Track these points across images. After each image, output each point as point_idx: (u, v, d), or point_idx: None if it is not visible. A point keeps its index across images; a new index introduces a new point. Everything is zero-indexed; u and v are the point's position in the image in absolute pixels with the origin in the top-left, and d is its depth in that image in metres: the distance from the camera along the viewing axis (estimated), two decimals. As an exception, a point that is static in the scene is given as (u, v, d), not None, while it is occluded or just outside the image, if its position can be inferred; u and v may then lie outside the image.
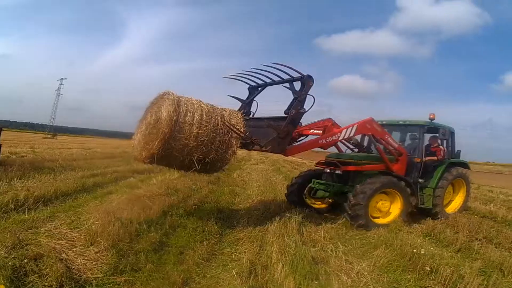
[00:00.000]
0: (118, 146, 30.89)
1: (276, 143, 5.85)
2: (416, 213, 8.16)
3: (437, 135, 8.63)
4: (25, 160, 12.91)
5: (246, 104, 7.23)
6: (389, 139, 7.88)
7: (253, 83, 7.17)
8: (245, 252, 5.10)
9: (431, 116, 8.48)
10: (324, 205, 8.55)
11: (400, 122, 9.10)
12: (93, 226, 5.19)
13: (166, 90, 5.65)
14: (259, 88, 7.18)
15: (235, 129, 5.64)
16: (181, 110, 5.36)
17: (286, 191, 8.88)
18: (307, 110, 5.99)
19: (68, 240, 4.86)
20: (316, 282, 3.99)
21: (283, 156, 8.04)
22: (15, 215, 5.82)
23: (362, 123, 7.45)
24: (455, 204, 9.12)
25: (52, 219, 5.81)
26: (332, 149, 8.28)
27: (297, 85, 6.02)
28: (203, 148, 5.47)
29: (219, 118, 5.65)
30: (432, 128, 8.57)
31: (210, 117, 5.57)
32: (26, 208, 6.26)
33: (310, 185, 8.35)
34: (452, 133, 9.17)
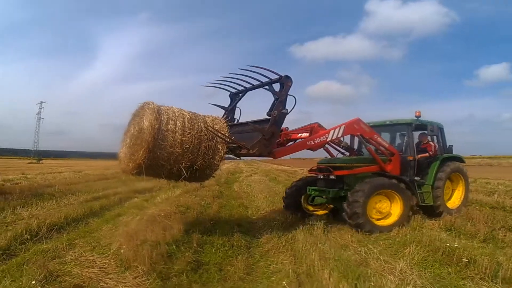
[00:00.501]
0: (107, 167, 30.26)
1: (263, 145, 5.82)
2: (418, 212, 8.08)
3: (426, 132, 8.59)
4: (23, 187, 12.50)
5: (229, 111, 7.19)
6: (378, 139, 7.85)
7: (233, 90, 7.12)
8: (282, 262, 5.03)
9: (417, 114, 8.51)
10: (325, 211, 8.40)
11: (387, 122, 9.06)
12: (121, 251, 5.02)
13: (146, 101, 5.68)
14: (240, 94, 7.13)
15: (219, 134, 5.68)
16: (162, 118, 5.39)
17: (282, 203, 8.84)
18: (290, 111, 5.99)
19: (100, 268, 4.70)
20: (369, 284, 3.95)
21: (273, 165, 8.11)
22: (33, 245, 5.62)
23: (349, 123, 7.44)
24: (455, 198, 9.07)
25: (72, 247, 5.62)
26: (323, 155, 8.44)
27: (277, 87, 6.03)
28: (189, 155, 5.49)
29: (202, 124, 5.68)
30: (419, 125, 8.55)
31: (193, 123, 5.60)
32: (43, 237, 6.05)
33: (307, 192, 8.25)
34: (441, 129, 9.19)
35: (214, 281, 4.29)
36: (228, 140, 5.78)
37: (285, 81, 5.83)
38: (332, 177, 7.60)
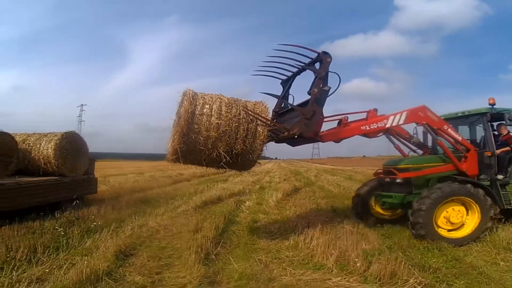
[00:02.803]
0: (159, 168, 31.00)
1: (304, 125, 5.61)
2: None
3: (504, 122, 7.61)
4: (111, 192, 13.16)
5: (282, 99, 6.91)
6: (450, 130, 7.06)
7: (283, 77, 6.86)
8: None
9: (491, 101, 7.49)
10: (396, 215, 8.02)
11: (459, 114, 8.12)
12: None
13: (185, 89, 5.69)
14: (290, 80, 6.83)
15: (258, 116, 5.60)
16: (197, 103, 5.46)
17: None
18: (335, 89, 5.83)
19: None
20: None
21: (317, 165, 7.86)
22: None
23: (413, 109, 6.87)
24: None
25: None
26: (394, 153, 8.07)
27: (318, 66, 5.87)
28: (227, 138, 5.45)
29: (241, 107, 5.62)
30: (496, 114, 7.50)
31: (231, 107, 5.57)
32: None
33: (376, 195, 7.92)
34: None
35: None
36: (267, 122, 5.70)
37: (323, 57, 5.69)
38: (398, 180, 7.12)
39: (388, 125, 6.74)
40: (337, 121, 6.92)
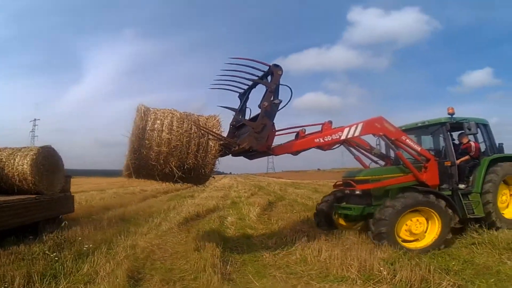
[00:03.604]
0: (120, 184, 29.65)
1: (254, 138, 5.60)
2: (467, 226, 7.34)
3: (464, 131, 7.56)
4: (86, 211, 12.41)
5: (239, 113, 6.77)
6: (408, 141, 6.98)
7: (240, 90, 6.75)
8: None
9: (450, 111, 7.51)
10: (358, 226, 7.88)
11: (419, 124, 8.11)
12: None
13: (138, 105, 5.74)
14: (246, 93, 6.74)
15: (208, 131, 5.63)
16: (148, 119, 5.54)
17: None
18: (286, 103, 5.85)
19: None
20: None
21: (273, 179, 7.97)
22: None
23: (369, 121, 6.77)
24: None
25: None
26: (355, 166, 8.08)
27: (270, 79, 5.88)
28: (179, 153, 5.50)
29: (192, 122, 5.66)
30: (455, 124, 7.51)
31: (182, 122, 5.62)
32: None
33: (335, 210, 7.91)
34: (484, 125, 8.05)
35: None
36: (218, 137, 5.70)
37: (274, 70, 5.67)
38: (357, 192, 7.06)
39: (343, 137, 6.65)
40: (294, 134, 6.90)
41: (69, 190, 9.89)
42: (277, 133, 6.39)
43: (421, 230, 6.57)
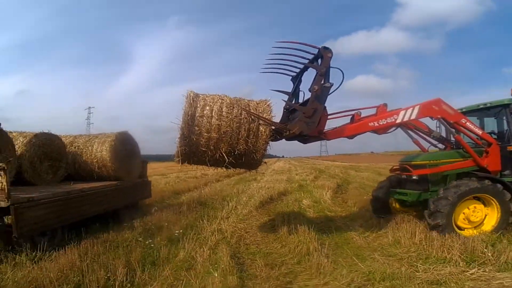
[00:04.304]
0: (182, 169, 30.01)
1: (304, 123, 5.46)
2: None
3: None
4: (163, 195, 12.47)
5: (292, 96, 6.60)
6: (468, 124, 6.58)
7: (293, 73, 6.56)
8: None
9: None
10: (418, 211, 7.32)
11: (481, 106, 7.51)
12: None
13: (187, 91, 5.64)
14: (299, 77, 6.56)
15: (258, 116, 5.48)
16: (197, 105, 5.46)
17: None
18: (338, 86, 5.61)
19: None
20: None
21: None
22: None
23: (426, 103, 6.44)
24: None
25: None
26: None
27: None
28: (229, 139, 5.42)
29: (241, 107, 5.54)
30: None
31: (232, 107, 5.51)
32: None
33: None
34: None
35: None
36: (267, 122, 5.54)
37: (323, 53, 5.44)
38: (414, 177, 6.78)
39: (398, 121, 6.32)
40: (349, 117, 6.59)
41: (146, 176, 9.65)
42: (330, 116, 6.23)
43: (480, 217, 6.24)
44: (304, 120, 5.46)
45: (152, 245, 5.79)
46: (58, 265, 4.66)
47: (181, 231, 6.68)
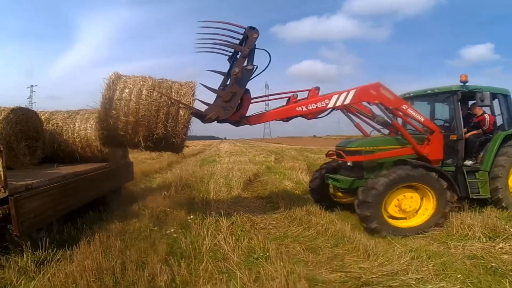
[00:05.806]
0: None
1: (221, 108, 5.33)
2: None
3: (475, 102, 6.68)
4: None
5: (227, 77, 5.92)
6: (409, 110, 6.21)
7: (229, 53, 6.02)
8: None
9: (462, 78, 6.49)
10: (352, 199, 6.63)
11: (428, 91, 7.17)
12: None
13: (109, 73, 5.48)
14: (234, 56, 5.98)
15: (175, 99, 5.25)
16: (116, 88, 5.29)
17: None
18: (263, 69, 5.49)
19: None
20: None
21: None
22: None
23: (364, 87, 6.05)
24: None
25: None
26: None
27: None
28: (147, 123, 5.24)
29: (160, 91, 5.33)
30: (467, 93, 6.61)
31: (152, 90, 5.32)
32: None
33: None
34: (505, 96, 7.12)
35: None
36: (185, 105, 5.27)
37: (249, 33, 5.26)
38: (348, 163, 6.39)
39: (330, 105, 5.93)
40: (286, 99, 6.31)
41: (128, 156, 8.79)
42: (271, 97, 6.11)
43: (414, 207, 5.94)
44: (222, 104, 5.30)
45: (175, 235, 5.27)
46: (80, 267, 3.95)
47: (192, 216, 6.16)
